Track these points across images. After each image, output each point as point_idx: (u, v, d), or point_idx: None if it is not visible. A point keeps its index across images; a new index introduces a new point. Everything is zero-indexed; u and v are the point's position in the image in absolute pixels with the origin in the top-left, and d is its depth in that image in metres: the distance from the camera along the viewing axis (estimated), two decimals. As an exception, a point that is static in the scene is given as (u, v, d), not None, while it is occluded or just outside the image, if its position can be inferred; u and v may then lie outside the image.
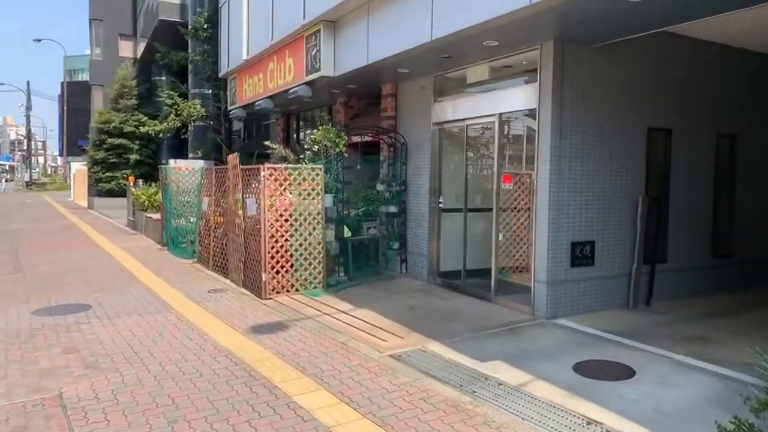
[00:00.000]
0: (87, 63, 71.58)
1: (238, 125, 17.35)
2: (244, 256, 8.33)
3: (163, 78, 24.93)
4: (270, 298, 7.66)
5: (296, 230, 7.89)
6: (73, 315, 6.74)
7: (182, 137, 16.29)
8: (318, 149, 8.64)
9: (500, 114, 7.07)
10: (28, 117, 44.71)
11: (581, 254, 6.55)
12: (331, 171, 8.29)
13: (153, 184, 15.85)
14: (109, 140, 23.66)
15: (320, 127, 8.48)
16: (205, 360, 5.16)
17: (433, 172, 8.42)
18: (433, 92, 8.34)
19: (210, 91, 15.81)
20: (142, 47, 25.57)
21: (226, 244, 9.27)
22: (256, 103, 11.23)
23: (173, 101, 14.67)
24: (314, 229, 8.01)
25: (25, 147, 51.36)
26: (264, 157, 15.30)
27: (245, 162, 14.13)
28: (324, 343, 5.65)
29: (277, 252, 7.78)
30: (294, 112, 13.35)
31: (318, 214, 8.02)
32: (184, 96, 15.52)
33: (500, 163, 7.16)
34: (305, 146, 8.92)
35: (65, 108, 50.44)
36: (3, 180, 43.93)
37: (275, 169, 7.75)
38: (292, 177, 7.86)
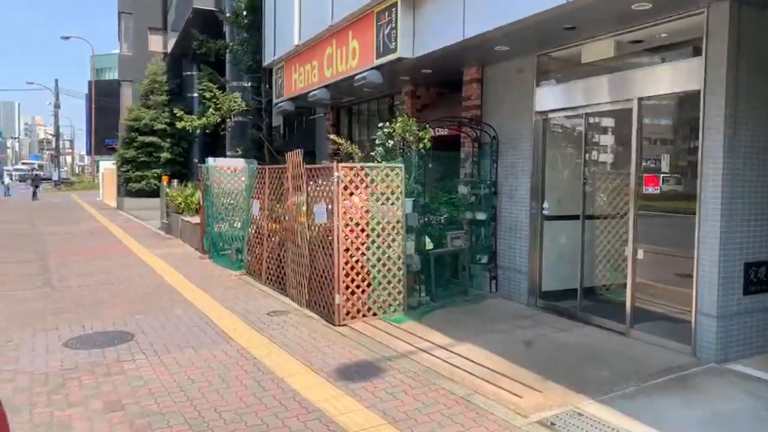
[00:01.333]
0: (114, 61, 71.73)
1: (277, 121, 16.12)
2: (309, 272, 7.02)
3: (194, 73, 23.88)
4: (344, 324, 6.33)
5: (373, 242, 6.56)
6: (113, 348, 5.49)
7: (221, 133, 15.10)
8: (393, 144, 7.29)
9: (640, 99, 5.62)
10: (56, 115, 44.32)
11: (757, 278, 5.08)
12: (411, 170, 6.93)
13: (188, 185, 14.70)
14: (140, 138, 22.70)
15: (398, 119, 7.11)
16: (293, 427, 3.84)
17: (534, 171, 7.01)
18: (535, 75, 6.93)
19: (249, 84, 14.60)
20: (172, 41, 24.56)
21: (282, 256, 7.99)
22: (310, 94, 9.92)
23: (212, 94, 13.46)
24: (393, 240, 6.66)
25: (53, 146, 51.14)
26: (310, 155, 14.03)
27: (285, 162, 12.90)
28: (439, 399, 4.29)
29: (352, 268, 6.45)
30: (346, 105, 12.03)
31: (398, 222, 6.67)
32: (222, 89, 14.31)
33: (639, 161, 5.71)
34: (376, 141, 7.57)
35: (93, 107, 50.06)
36: (4, 182, 38.19)
37: (350, 169, 6.42)
38: (369, 178, 6.52)
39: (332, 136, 8.80)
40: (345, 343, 5.69)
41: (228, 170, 11.34)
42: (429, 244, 7.19)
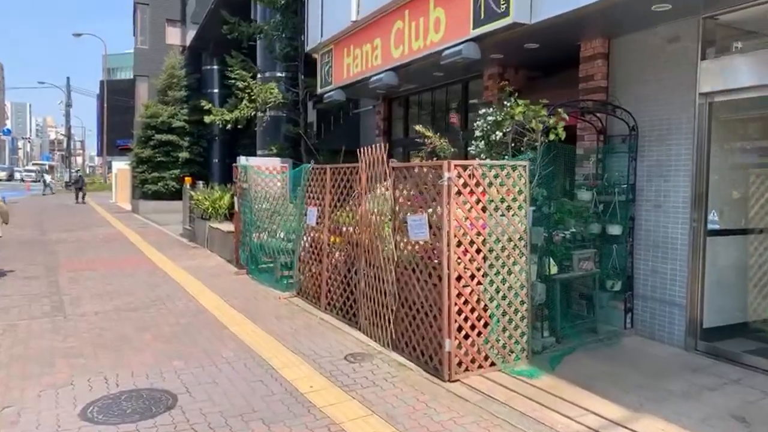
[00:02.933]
0: (127, 61, 70.79)
1: (311, 116, 14.49)
2: (397, 303, 5.36)
3: (215, 67, 22.33)
4: (457, 380, 4.66)
5: (491, 266, 4.89)
6: (151, 422, 3.86)
7: (254, 129, 13.48)
8: (501, 137, 5.61)
9: None
10: (68, 114, 43.02)
11: None
12: (535, 171, 5.24)
13: (214, 187, 13.09)
14: (157, 136, 21.13)
15: (516, 101, 5.43)
16: None
17: (697, 172, 5.31)
18: (699, 45, 5.24)
19: (283, 74, 12.94)
20: (191, 34, 23.09)
21: (351, 278, 6.34)
22: (372, 79, 8.28)
23: (245, 83, 11.82)
24: (514, 263, 4.99)
25: (64, 146, 49.92)
26: (351, 155, 12.37)
27: (326, 162, 11.22)
28: None
29: (466, 303, 4.78)
30: (402, 95, 10.37)
31: (520, 239, 5.01)
32: (253, 78, 12.66)
33: None
34: (476, 132, 5.90)
35: (105, 105, 48.83)
36: (46, 181, 39.28)
37: (464, 168, 4.74)
38: (487, 180, 4.85)
39: (419, 128, 7.13)
40: (473, 415, 4.02)
41: (268, 171, 9.73)
42: (553, 268, 5.50)
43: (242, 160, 11.84)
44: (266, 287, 8.34)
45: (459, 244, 4.72)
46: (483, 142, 5.81)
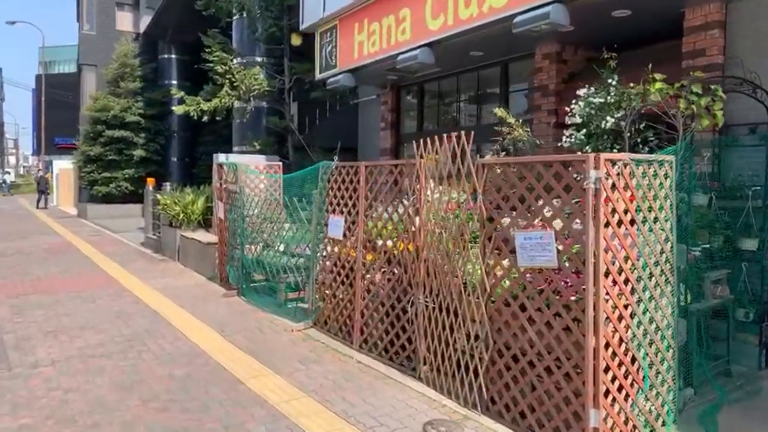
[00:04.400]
0: (65, 54, 66.19)
1: (292, 109, 12.81)
2: (492, 350, 3.92)
3: (173, 56, 20.19)
4: (606, 467, 3.27)
5: (639, 300, 3.53)
6: None
7: (222, 123, 11.72)
8: (613, 125, 4.26)
9: None
10: (0, 108, 39.27)
11: None
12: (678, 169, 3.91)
13: (184, 189, 11.25)
14: (108, 132, 18.85)
15: (654, 77, 4.07)
16: None
17: None
18: None
19: (262, 59, 11.23)
20: (145, 20, 20.87)
21: (400, 309, 4.85)
22: (401, 59, 6.80)
23: (225, 68, 10.04)
24: (661, 294, 3.65)
25: (-4, 144, 45.76)
26: (349, 153, 10.86)
27: (313, 160, 9.64)
28: None
29: (613, 355, 3.39)
30: (415, 82, 8.92)
31: (666, 261, 3.67)
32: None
33: None
34: (575, 117, 4.53)
35: (43, 100, 44.98)
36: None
37: (613, 164, 3.34)
38: (634, 181, 3.48)
39: (499, 111, 5.66)
40: None
41: (261, 170, 8.09)
42: (688, 296, 4.20)
43: (221, 157, 10.15)
44: (269, 314, 6.72)
45: (607, 273, 3.33)
46: (584, 131, 4.44)
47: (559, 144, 5.16)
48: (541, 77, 6.56)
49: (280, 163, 8.66)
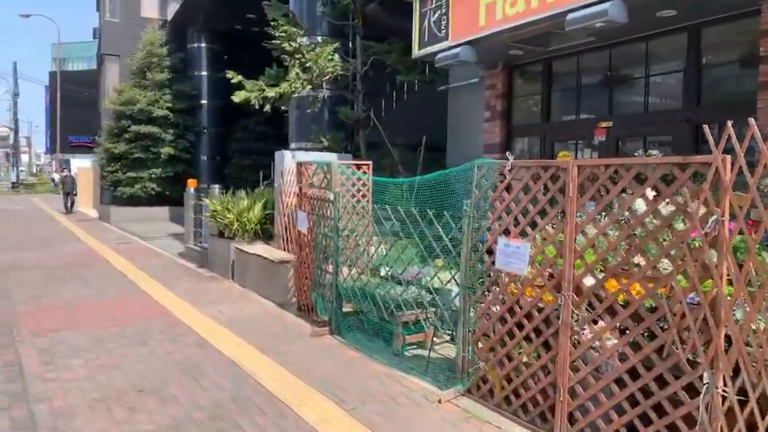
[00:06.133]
0: (79, 51, 65.07)
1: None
2: None
3: (203, 45, 18.46)
4: None
5: None
6: None
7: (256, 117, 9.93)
8: None
9: None
10: (15, 103, 37.81)
11: None
12: None
13: (236, 193, 9.47)
14: (133, 128, 17.15)
15: None
16: None
17: None
18: None
19: (323, 39, 9.39)
20: (174, 6, 19.17)
21: (658, 398, 3.04)
22: (575, 17, 4.98)
23: (294, 47, 8.22)
24: None
25: (9, 142, 44.40)
26: (436, 155, 9.05)
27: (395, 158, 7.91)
28: None
29: None
30: (542, 59, 7.09)
31: None
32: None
33: None
34: None
35: (58, 97, 43.50)
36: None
37: None
38: None
39: None
40: None
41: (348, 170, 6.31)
42: None
43: (288, 155, 8.39)
44: (386, 367, 4.92)
45: None
46: None
47: None
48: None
49: (369, 163, 6.87)
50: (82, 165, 25.08)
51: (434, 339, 5.43)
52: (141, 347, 5.46)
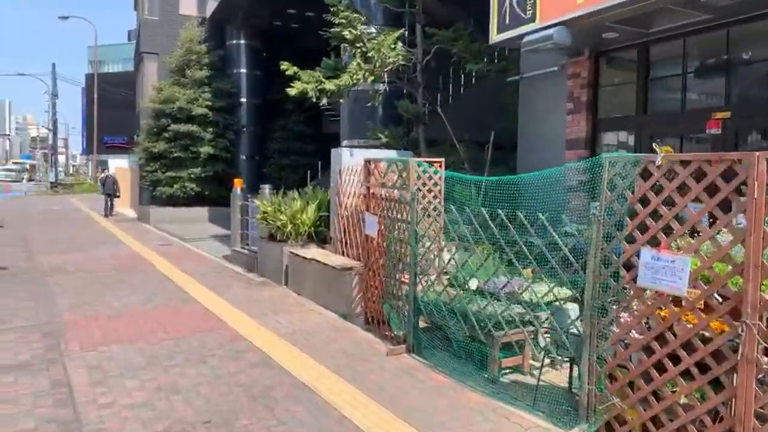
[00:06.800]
0: (114, 53, 65.89)
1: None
2: None
3: (242, 42, 18.04)
4: None
5: None
6: None
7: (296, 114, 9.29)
8: None
9: None
10: (53, 104, 38.21)
11: None
12: None
13: (287, 194, 8.88)
14: (173, 126, 16.80)
15: None
16: None
17: None
18: None
19: (380, 27, 8.72)
20: (212, 3, 18.79)
21: None
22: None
23: (356, 34, 7.56)
24: None
25: (48, 143, 45.06)
26: (502, 150, 8.32)
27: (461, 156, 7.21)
28: None
29: None
30: (636, 43, 6.29)
31: None
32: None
33: None
34: None
35: (95, 98, 43.94)
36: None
37: None
38: None
39: None
40: None
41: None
42: None
43: (345, 152, 7.76)
44: (482, 395, 4.22)
45: None
46: None
47: None
48: None
49: (442, 160, 6.17)
50: (119, 165, 24.95)
51: (532, 362, 4.73)
52: (200, 365, 4.88)
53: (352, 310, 6.39)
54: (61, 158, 78.39)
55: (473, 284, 5.04)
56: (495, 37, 6.43)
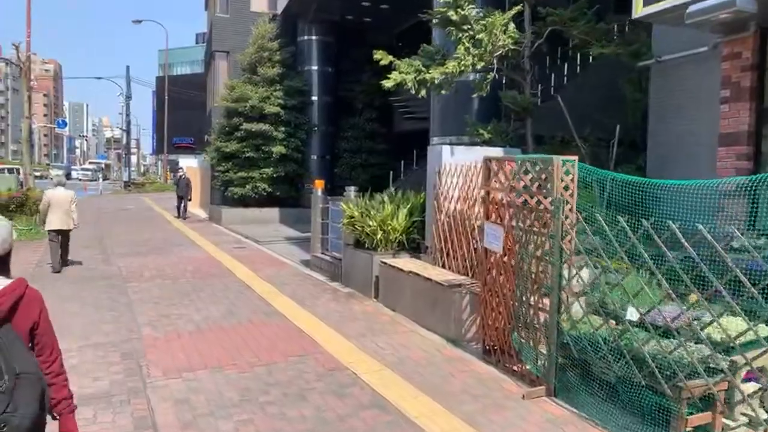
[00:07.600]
0: (182, 56, 67.78)
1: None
2: None
3: (314, 38, 17.50)
4: None
5: None
6: None
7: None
8: None
9: None
10: (127, 105, 39.32)
11: None
12: None
13: (376, 196, 8.07)
14: (245, 125, 16.42)
15: None
16: None
17: None
18: None
19: (486, 9, 7.69)
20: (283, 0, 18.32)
21: None
22: None
23: (462, 14, 6.61)
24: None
25: (122, 143, 46.65)
26: (633, 147, 7.19)
27: (582, 155, 6.07)
28: None
29: None
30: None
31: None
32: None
33: None
34: None
35: (166, 99, 45.11)
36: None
37: None
38: None
39: None
40: None
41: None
42: None
43: (446, 151, 6.88)
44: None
45: None
46: None
47: None
48: None
49: (576, 158, 5.14)
50: (190, 164, 25.08)
51: (726, 421, 3.66)
52: (301, 403, 4.10)
53: (462, 335, 5.47)
54: (133, 158, 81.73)
55: (632, 315, 4.01)
56: (641, 10, 5.34)
